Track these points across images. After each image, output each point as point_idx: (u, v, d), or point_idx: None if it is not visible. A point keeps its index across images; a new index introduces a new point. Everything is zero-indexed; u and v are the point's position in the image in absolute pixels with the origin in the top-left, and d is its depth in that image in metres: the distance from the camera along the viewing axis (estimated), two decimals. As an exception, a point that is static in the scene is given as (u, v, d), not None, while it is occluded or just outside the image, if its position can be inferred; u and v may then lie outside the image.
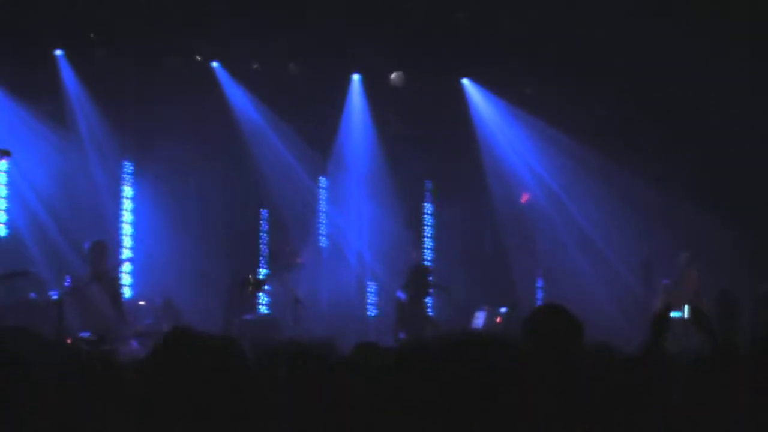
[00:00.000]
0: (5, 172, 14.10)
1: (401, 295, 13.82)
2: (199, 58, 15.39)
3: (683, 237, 14.33)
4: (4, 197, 14.24)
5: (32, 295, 12.79)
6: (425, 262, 15.91)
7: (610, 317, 13.85)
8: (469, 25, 14.56)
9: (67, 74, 14.71)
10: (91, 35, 14.40)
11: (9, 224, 14.19)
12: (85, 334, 10.74)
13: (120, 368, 5.06)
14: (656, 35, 13.55)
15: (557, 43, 14.15)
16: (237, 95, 15.62)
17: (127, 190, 15.24)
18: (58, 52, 14.66)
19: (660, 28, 13.41)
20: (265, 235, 15.96)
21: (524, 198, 16.43)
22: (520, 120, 16.08)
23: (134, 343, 10.84)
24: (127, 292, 13.93)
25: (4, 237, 14.19)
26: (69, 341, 10.47)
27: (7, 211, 14.22)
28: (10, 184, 14.16)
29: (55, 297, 12.28)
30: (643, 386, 4.53)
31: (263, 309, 15.15)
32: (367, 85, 16.10)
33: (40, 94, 14.33)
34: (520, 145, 16.31)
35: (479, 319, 14.51)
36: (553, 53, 14.30)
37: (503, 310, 14.54)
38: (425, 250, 16.62)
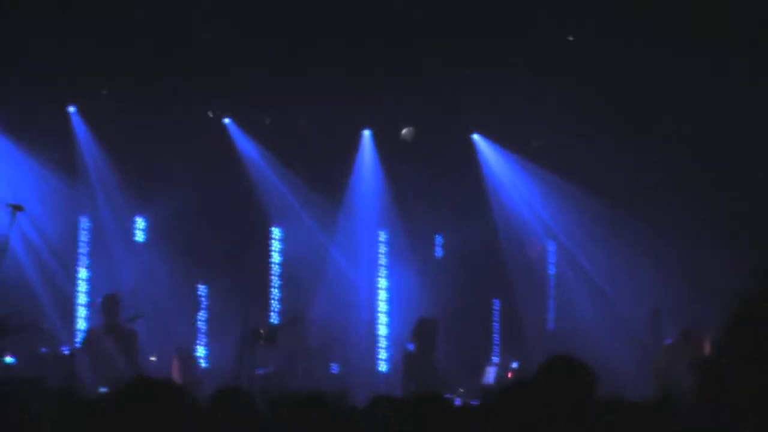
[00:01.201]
0: (18, 226, 14.17)
1: (410, 346, 13.80)
2: (211, 114, 15.51)
3: (697, 286, 14.30)
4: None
5: (43, 349, 12.80)
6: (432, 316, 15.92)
7: (619, 366, 13.79)
8: (478, 80, 14.66)
9: (80, 129, 14.84)
10: (104, 92, 14.54)
11: (20, 276, 14.22)
12: (104, 390, 10.75)
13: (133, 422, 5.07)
14: (668, 85, 13.62)
15: (565, 95, 14.22)
16: (249, 151, 15.72)
17: (139, 244, 15.28)
18: (72, 109, 14.80)
19: (671, 75, 13.49)
20: (276, 289, 15.97)
21: (535, 250, 16.44)
22: (530, 173, 16.14)
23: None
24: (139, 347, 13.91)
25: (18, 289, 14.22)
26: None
27: (19, 263, 14.25)
28: (23, 236, 14.21)
29: (66, 352, 12.31)
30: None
31: (274, 363, 15.11)
32: (378, 140, 16.19)
33: (52, 148, 14.44)
34: (530, 198, 16.35)
35: (490, 374, 14.45)
36: (562, 104, 14.37)
37: (514, 365, 14.49)
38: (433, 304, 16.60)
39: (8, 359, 12.44)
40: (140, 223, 15.30)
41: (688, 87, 13.72)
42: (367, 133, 16.25)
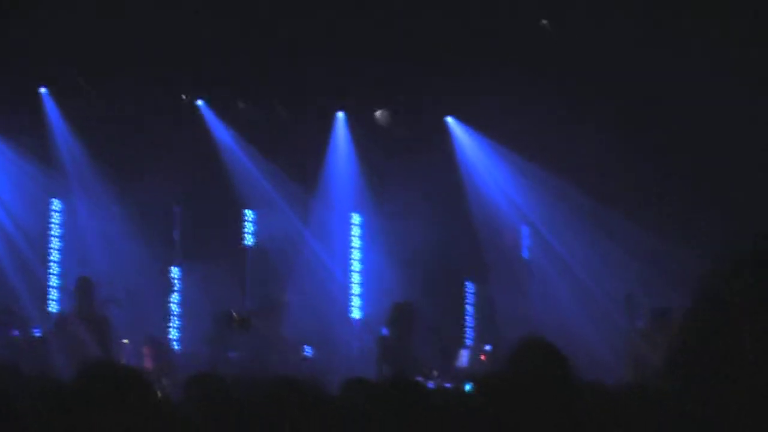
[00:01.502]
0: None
1: (384, 331, 13.80)
2: (184, 97, 15.44)
3: (667, 271, 14.37)
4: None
5: (15, 332, 12.74)
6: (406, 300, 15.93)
7: (594, 350, 13.85)
8: (453, 62, 14.64)
9: (52, 111, 14.74)
10: (76, 73, 14.44)
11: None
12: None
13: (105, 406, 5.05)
14: (649, 71, 13.65)
15: (544, 79, 14.22)
16: (222, 133, 15.67)
17: (113, 228, 15.22)
18: (43, 90, 14.70)
19: (653, 64, 13.51)
20: (250, 272, 15.94)
21: (510, 236, 16.46)
22: (504, 157, 16.15)
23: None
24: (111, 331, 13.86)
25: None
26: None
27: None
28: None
29: (38, 334, 12.26)
30: (633, 421, 4.55)
31: (248, 348, 15.09)
32: (352, 122, 16.17)
33: (23, 130, 14.34)
34: (504, 182, 16.37)
35: (463, 357, 14.47)
36: (540, 89, 14.38)
37: (488, 347, 14.52)
38: (410, 287, 16.62)
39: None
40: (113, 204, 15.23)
41: (668, 75, 13.75)
42: (341, 115, 16.21)
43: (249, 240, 15.98)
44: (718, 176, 14.75)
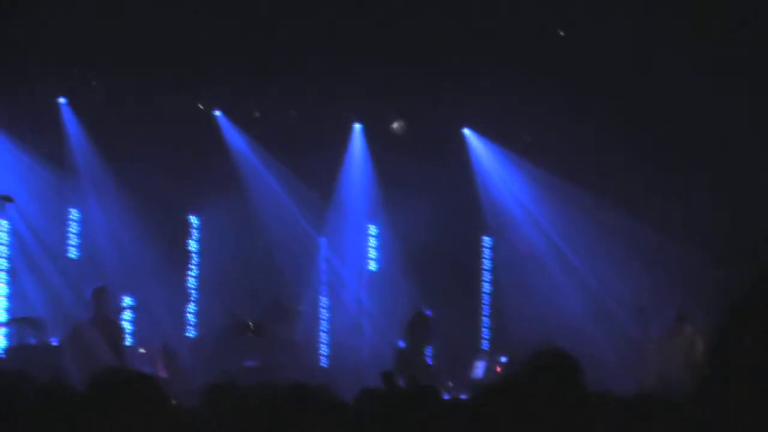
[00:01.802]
0: (7, 218, 14.12)
1: (402, 344, 13.79)
2: (201, 107, 15.48)
3: (679, 278, 14.34)
4: (5, 244, 14.25)
5: (32, 340, 12.77)
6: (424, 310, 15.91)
7: (603, 358, 13.83)
8: (468, 73, 14.65)
9: (70, 121, 14.81)
10: (93, 83, 14.50)
11: (9, 269, 14.19)
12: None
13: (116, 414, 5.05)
14: (661, 77, 13.64)
15: (556, 88, 14.21)
16: (239, 143, 15.71)
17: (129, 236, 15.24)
18: (62, 100, 14.77)
19: (662, 65, 13.50)
20: (264, 281, 15.93)
21: (523, 246, 16.41)
22: (519, 167, 16.15)
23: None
24: (127, 339, 13.89)
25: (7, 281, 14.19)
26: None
27: (9, 257, 14.23)
28: (11, 229, 14.18)
29: (55, 343, 12.29)
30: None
31: (261, 356, 15.09)
32: (369, 133, 16.19)
33: (41, 139, 14.40)
34: (519, 193, 16.36)
35: (479, 368, 14.44)
36: (553, 100, 14.38)
37: (503, 359, 14.48)
38: (424, 297, 16.62)
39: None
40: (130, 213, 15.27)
41: (680, 84, 13.72)
42: (357, 127, 16.24)
43: (262, 248, 15.98)
44: (726, 177, 14.73)
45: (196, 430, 6.23)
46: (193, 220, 15.70)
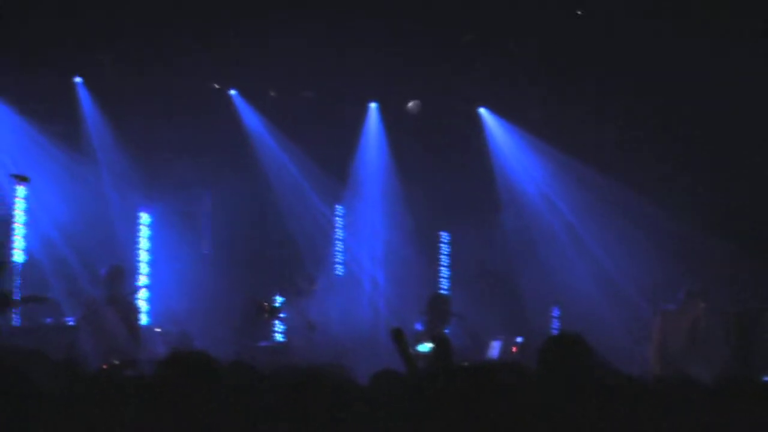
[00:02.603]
0: (23, 198, 14.13)
1: (418, 326, 13.76)
2: (217, 86, 15.46)
3: (697, 263, 14.31)
4: (22, 223, 14.27)
5: (48, 319, 12.81)
6: (443, 291, 15.90)
7: (622, 343, 13.81)
8: (483, 53, 14.60)
9: (86, 100, 14.81)
10: (110, 62, 14.48)
11: (26, 249, 14.21)
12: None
13: (127, 390, 5.05)
14: (675, 57, 13.56)
15: (572, 67, 14.16)
16: (254, 122, 15.69)
17: (144, 216, 15.26)
18: (78, 80, 14.77)
19: (680, 46, 13.42)
20: (279, 261, 15.95)
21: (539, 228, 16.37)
22: (535, 147, 16.10)
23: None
24: (143, 319, 13.91)
25: (22, 262, 14.21)
26: (105, 366, 10.47)
27: (25, 236, 14.25)
28: (27, 209, 14.20)
29: (71, 323, 12.33)
30: (657, 413, 4.51)
31: (277, 336, 15.11)
32: (384, 112, 16.16)
33: (57, 119, 14.40)
34: (535, 173, 16.33)
35: (495, 348, 14.42)
36: (568, 77, 14.32)
37: (519, 339, 14.46)
38: (441, 279, 16.62)
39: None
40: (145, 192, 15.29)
41: (697, 68, 13.67)
42: (373, 106, 16.20)
43: (281, 233, 16.00)
44: (747, 166, 14.69)
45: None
46: (207, 198, 15.70)
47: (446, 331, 13.76)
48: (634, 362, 12.83)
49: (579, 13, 14.04)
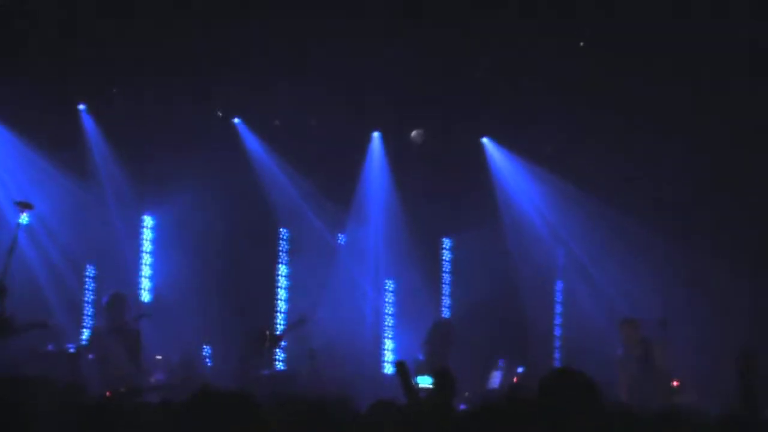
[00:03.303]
0: (26, 224, 14.15)
1: (420, 356, 13.77)
2: (220, 114, 15.51)
3: (704, 293, 14.32)
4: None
5: (50, 346, 12.80)
6: (445, 318, 15.91)
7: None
8: (488, 84, 14.64)
9: (90, 127, 14.86)
10: (114, 90, 14.54)
11: (28, 274, 14.22)
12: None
13: (132, 420, 5.07)
14: (684, 91, 13.63)
15: (578, 100, 14.20)
16: (258, 151, 15.73)
17: (147, 244, 15.29)
18: (81, 107, 14.83)
19: (685, 81, 13.49)
20: (282, 289, 15.97)
21: (543, 257, 16.37)
22: (540, 178, 16.13)
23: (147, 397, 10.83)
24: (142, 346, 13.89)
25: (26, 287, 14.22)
26: (108, 394, 10.47)
27: (27, 261, 14.26)
28: (31, 235, 14.22)
29: (72, 350, 12.32)
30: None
31: (279, 364, 15.11)
32: (387, 142, 16.21)
33: (61, 147, 14.44)
34: (539, 203, 16.35)
35: (496, 378, 14.42)
36: (574, 110, 14.36)
37: (520, 369, 14.46)
38: (443, 308, 16.62)
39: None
40: (148, 221, 15.30)
41: (703, 93, 13.73)
42: (376, 135, 16.25)
43: (283, 259, 16.02)
44: (757, 194, 14.72)
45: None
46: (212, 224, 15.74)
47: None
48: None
49: (582, 44, 14.09)
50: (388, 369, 16.07)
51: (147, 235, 15.28)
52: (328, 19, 13.38)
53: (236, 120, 15.66)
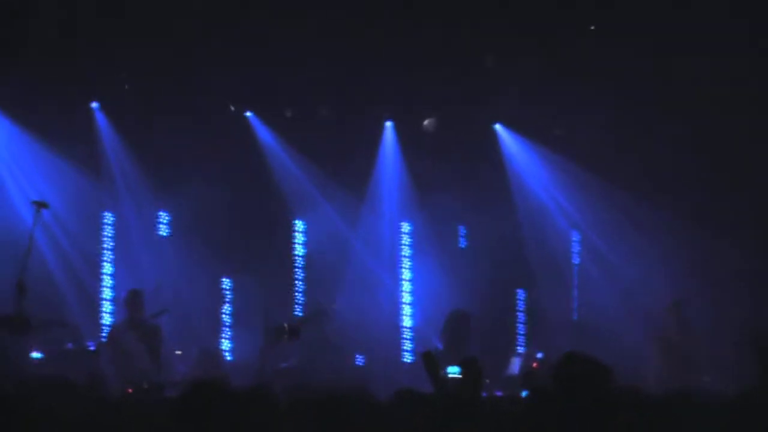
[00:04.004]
0: (42, 223, 14.19)
1: (438, 344, 13.76)
2: (233, 108, 15.53)
3: (720, 278, 14.27)
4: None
5: (69, 345, 12.85)
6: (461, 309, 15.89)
7: (642, 359, 13.76)
8: (500, 69, 14.62)
9: (103, 125, 14.90)
10: (126, 86, 14.58)
11: (45, 273, 14.26)
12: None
13: (151, 416, 5.09)
14: (695, 74, 13.57)
15: (589, 84, 14.16)
16: (271, 143, 15.75)
17: (163, 238, 15.32)
18: (94, 105, 14.87)
19: (698, 65, 13.43)
20: (299, 282, 15.99)
21: (558, 242, 16.35)
22: (552, 163, 16.10)
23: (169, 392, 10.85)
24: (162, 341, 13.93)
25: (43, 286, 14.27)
26: (129, 391, 10.51)
27: (44, 260, 14.31)
28: (47, 232, 14.26)
29: (92, 348, 12.37)
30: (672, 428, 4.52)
31: (298, 356, 15.13)
32: (400, 131, 16.20)
33: (75, 143, 14.48)
34: (553, 189, 16.32)
35: (515, 365, 14.41)
36: (585, 94, 14.32)
37: (540, 355, 14.44)
38: (457, 294, 16.63)
39: (35, 354, 12.53)
40: (164, 217, 15.33)
41: (716, 77, 13.67)
42: (389, 124, 16.24)
43: (299, 251, 16.03)
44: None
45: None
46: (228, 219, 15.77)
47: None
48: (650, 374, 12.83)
49: (592, 28, 14.05)
50: (407, 358, 16.08)
51: (163, 230, 15.31)
52: (336, 8, 13.38)
53: (248, 114, 15.68)
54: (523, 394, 10.58)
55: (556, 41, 13.97)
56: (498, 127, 16.35)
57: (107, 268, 14.92)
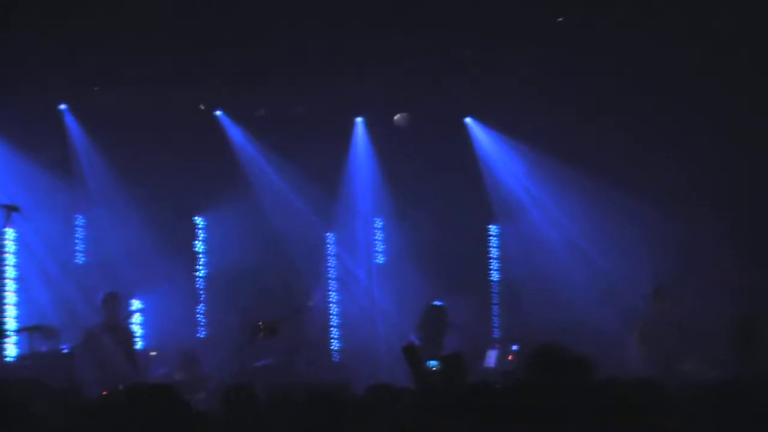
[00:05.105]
0: (15, 227, 14.13)
1: (414, 339, 13.76)
2: (202, 107, 15.49)
3: (700, 266, 14.35)
4: (13, 253, 14.27)
5: (43, 347, 12.80)
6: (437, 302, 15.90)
7: (618, 343, 13.84)
8: (472, 63, 14.63)
9: (73, 127, 14.84)
10: (95, 88, 14.51)
11: (19, 276, 14.21)
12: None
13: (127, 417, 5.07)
14: (671, 61, 13.62)
15: (561, 76, 14.18)
16: (242, 142, 15.71)
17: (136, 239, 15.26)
18: (62, 106, 14.80)
19: (673, 52, 13.48)
20: (274, 278, 15.95)
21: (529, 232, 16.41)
22: (522, 154, 16.15)
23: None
24: (138, 343, 13.89)
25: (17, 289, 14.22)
26: (105, 393, 10.48)
27: (17, 264, 14.25)
28: (19, 235, 14.20)
29: (65, 350, 12.32)
30: (650, 414, 4.54)
31: (275, 354, 15.11)
32: (371, 126, 16.20)
33: (45, 146, 14.41)
34: (524, 179, 16.37)
35: (491, 357, 14.46)
36: (559, 86, 14.35)
37: (515, 347, 14.49)
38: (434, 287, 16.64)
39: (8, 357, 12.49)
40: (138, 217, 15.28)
41: (691, 63, 13.71)
42: (359, 120, 16.23)
43: (275, 248, 16.01)
44: (748, 167, 14.73)
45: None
46: (199, 221, 15.73)
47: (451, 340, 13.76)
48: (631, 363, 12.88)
49: (560, 20, 14.06)
50: (384, 353, 16.09)
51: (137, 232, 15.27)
52: (308, 5, 13.35)
53: (218, 112, 15.63)
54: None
55: (529, 35, 13.97)
56: (468, 120, 16.37)
57: (80, 270, 14.85)
